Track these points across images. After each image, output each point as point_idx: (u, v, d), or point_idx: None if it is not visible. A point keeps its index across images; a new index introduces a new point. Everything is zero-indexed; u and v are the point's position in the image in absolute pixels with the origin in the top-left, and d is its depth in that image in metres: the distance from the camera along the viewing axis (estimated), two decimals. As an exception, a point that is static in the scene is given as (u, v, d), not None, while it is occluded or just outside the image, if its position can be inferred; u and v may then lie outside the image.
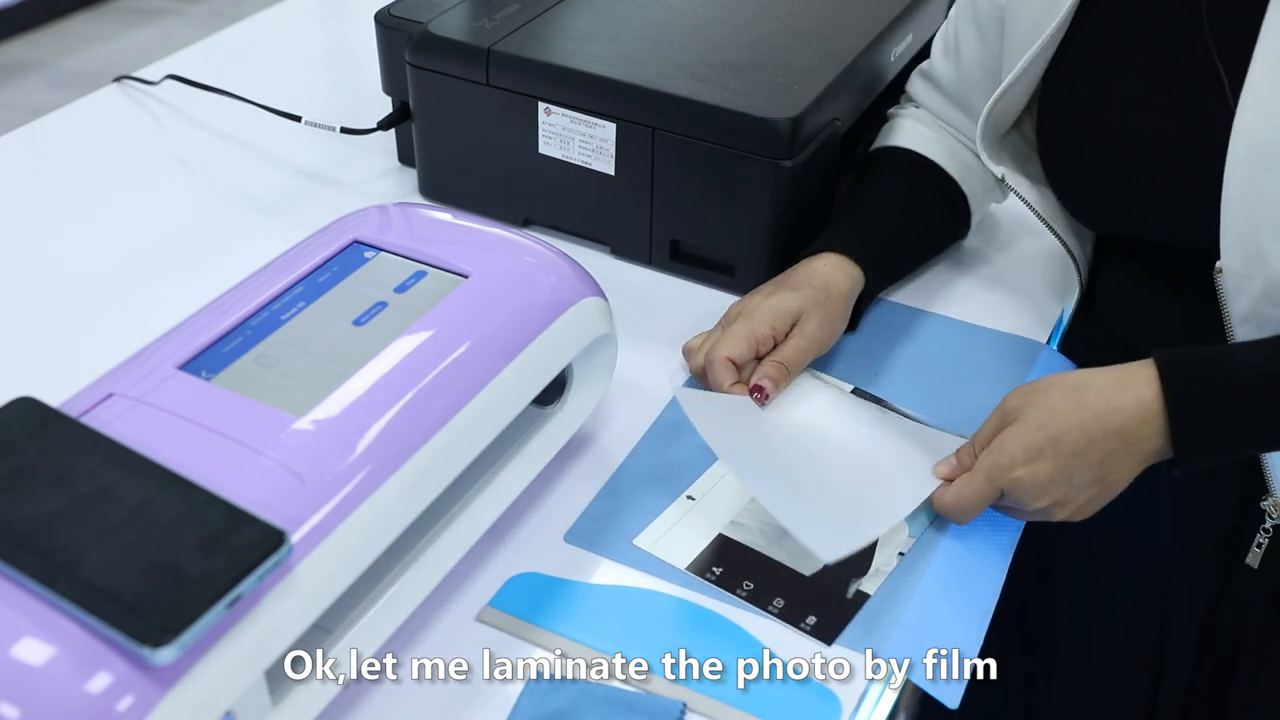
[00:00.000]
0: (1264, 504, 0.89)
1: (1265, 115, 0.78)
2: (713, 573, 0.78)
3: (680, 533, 0.80)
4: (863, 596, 0.77)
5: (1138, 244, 0.94)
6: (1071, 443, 0.75)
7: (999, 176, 0.95)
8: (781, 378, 0.87)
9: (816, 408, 0.89)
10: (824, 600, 0.76)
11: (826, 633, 0.74)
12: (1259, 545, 0.90)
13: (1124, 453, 0.76)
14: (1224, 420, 0.75)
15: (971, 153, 1.03)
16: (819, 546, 0.75)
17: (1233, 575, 0.94)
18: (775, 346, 0.89)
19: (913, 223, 1.02)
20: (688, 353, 0.93)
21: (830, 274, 0.92)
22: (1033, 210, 0.96)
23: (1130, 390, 0.76)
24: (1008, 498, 0.78)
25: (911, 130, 1.05)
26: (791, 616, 0.75)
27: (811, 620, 0.75)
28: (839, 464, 0.83)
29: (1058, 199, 0.96)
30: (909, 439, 0.87)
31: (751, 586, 0.77)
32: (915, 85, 1.08)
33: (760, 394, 0.86)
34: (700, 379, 0.92)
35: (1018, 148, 1.00)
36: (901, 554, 0.80)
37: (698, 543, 0.80)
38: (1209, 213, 0.80)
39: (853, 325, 0.96)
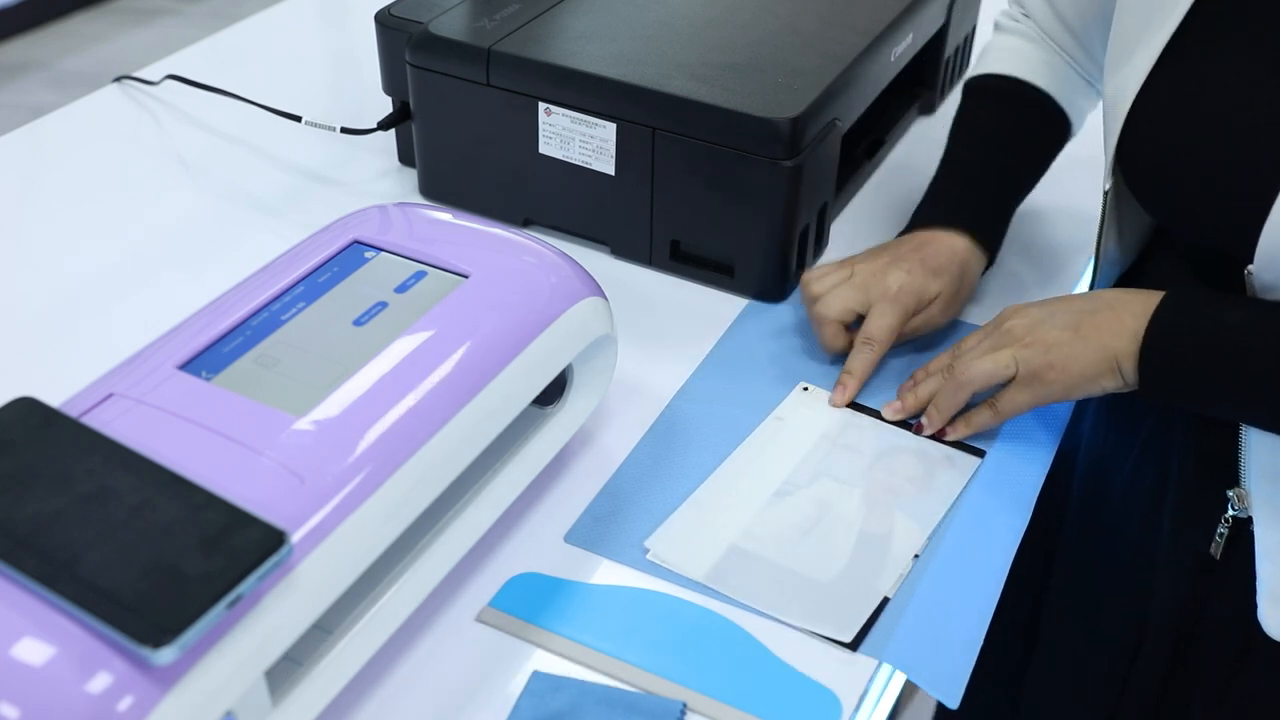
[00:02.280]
0: (1230, 493, 0.87)
1: None
2: (729, 583, 0.77)
3: (692, 544, 0.80)
4: (883, 601, 0.77)
5: (1193, 251, 0.90)
6: (1071, 297, 0.85)
7: (1105, 189, 0.91)
8: (869, 369, 0.92)
9: (810, 438, 0.88)
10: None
11: (851, 639, 0.74)
12: (1220, 535, 0.89)
13: (1107, 314, 0.81)
14: (1195, 341, 0.79)
15: (1075, 71, 1.02)
16: (838, 631, 0.74)
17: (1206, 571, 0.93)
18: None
19: (1025, 173, 1.02)
20: (807, 283, 0.95)
21: (967, 260, 0.95)
22: (1104, 217, 0.93)
23: (1135, 292, 0.83)
24: (996, 329, 0.85)
25: (1017, 52, 1.03)
26: None
27: None
28: (835, 525, 0.82)
29: (1127, 181, 0.90)
30: (909, 457, 0.87)
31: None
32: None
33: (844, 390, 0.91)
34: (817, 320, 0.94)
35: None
36: (916, 555, 0.79)
37: (712, 553, 0.79)
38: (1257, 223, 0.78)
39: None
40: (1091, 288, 1.00)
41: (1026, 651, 1.13)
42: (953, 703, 0.72)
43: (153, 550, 0.57)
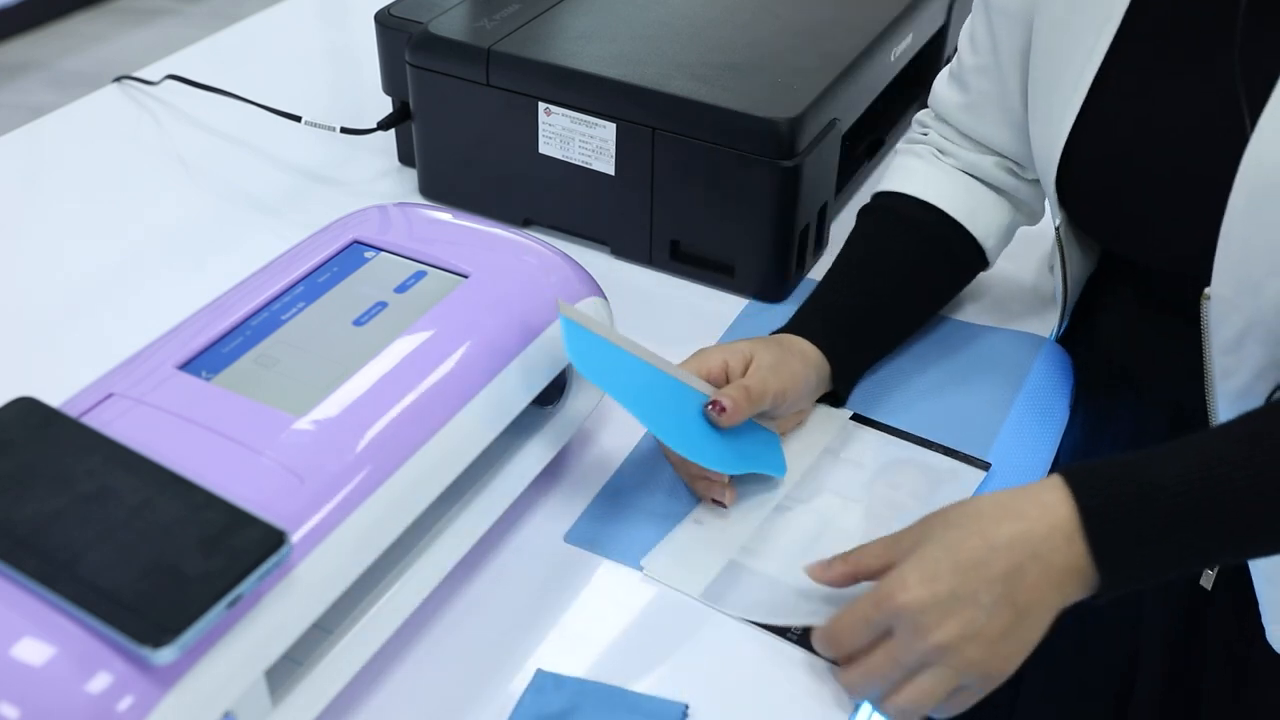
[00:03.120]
0: None
1: (1278, 146, 0.75)
2: (726, 599, 0.77)
3: (690, 559, 0.79)
4: None
5: (1138, 267, 0.91)
6: (971, 550, 0.66)
7: (1057, 224, 0.90)
8: (743, 399, 0.80)
9: (812, 452, 0.87)
10: None
11: None
12: (1210, 567, 0.87)
13: (1034, 567, 0.66)
14: (1147, 538, 0.67)
15: (984, 180, 0.97)
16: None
17: (1197, 607, 0.92)
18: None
19: (899, 295, 0.94)
20: None
21: (788, 337, 0.87)
22: (1061, 248, 0.93)
23: (1031, 497, 0.68)
24: (899, 634, 0.67)
25: (919, 172, 0.97)
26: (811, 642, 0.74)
27: None
28: (837, 541, 0.80)
29: (1063, 207, 0.91)
30: (912, 471, 0.86)
31: None
32: (946, 95, 0.98)
33: (718, 408, 0.79)
34: None
35: None
36: None
37: (709, 569, 0.78)
38: (1210, 240, 0.78)
39: (838, 399, 0.91)
40: (1063, 310, 0.98)
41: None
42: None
43: (153, 550, 0.57)
